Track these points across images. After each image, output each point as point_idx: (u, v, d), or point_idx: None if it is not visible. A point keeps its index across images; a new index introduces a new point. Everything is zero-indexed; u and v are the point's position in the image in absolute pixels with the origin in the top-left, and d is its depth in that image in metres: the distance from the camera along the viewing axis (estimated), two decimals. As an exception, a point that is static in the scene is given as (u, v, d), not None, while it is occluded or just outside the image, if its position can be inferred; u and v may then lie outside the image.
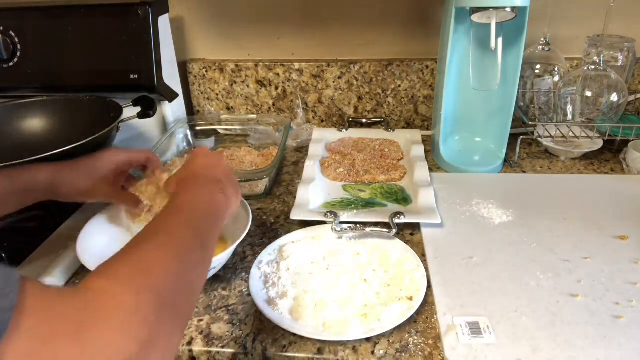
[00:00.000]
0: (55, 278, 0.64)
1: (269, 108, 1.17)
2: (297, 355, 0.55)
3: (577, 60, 1.06)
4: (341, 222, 0.74)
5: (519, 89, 0.92)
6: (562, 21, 1.03)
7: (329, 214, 0.75)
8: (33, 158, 0.66)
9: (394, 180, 0.90)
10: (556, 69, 1.01)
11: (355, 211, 0.78)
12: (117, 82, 0.93)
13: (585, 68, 0.93)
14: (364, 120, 1.14)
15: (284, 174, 0.96)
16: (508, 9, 0.79)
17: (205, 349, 0.56)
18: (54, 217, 0.77)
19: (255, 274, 0.65)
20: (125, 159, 0.64)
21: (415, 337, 0.56)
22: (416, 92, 1.12)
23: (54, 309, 0.28)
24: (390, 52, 1.11)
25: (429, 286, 0.63)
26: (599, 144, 0.97)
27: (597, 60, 0.92)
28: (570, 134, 0.94)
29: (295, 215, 0.77)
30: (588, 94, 0.93)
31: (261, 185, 0.86)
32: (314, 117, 1.17)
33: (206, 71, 1.14)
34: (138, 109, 0.92)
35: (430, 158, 1.00)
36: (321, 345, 0.55)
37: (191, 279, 0.39)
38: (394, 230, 0.71)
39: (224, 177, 0.54)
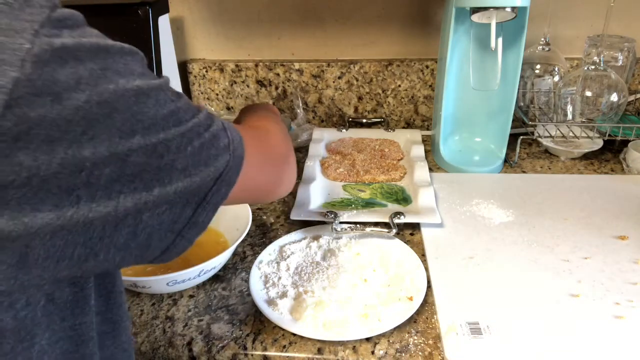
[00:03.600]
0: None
1: (269, 108, 1.17)
2: (297, 355, 0.55)
3: (577, 60, 1.06)
4: (341, 222, 0.74)
5: (519, 89, 0.92)
6: (562, 21, 1.03)
7: (329, 214, 0.75)
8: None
9: (394, 180, 0.90)
10: (556, 69, 1.01)
11: (355, 211, 0.78)
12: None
13: (585, 68, 0.93)
14: (364, 120, 1.14)
15: (284, 174, 0.96)
16: (508, 9, 0.79)
17: (205, 349, 0.56)
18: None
19: (255, 274, 0.65)
20: None
21: (415, 337, 0.56)
22: (416, 92, 1.12)
23: (251, 135, 0.45)
24: (390, 52, 1.11)
25: (429, 286, 0.63)
26: (599, 144, 0.97)
27: (597, 60, 0.92)
28: (570, 134, 0.94)
29: (295, 215, 0.77)
30: (588, 94, 0.93)
31: (261, 185, 0.86)
32: (314, 117, 1.17)
33: (206, 71, 1.14)
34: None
35: (430, 158, 1.00)
36: (321, 345, 0.55)
37: (286, 130, 0.62)
38: (394, 230, 0.71)
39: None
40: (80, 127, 0.28)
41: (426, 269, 0.65)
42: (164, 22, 0.95)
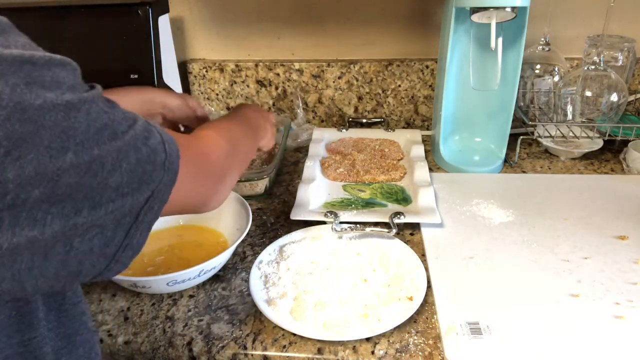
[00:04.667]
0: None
1: (269, 108, 1.17)
2: (297, 355, 0.55)
3: (577, 60, 1.06)
4: (341, 222, 0.74)
5: (519, 89, 0.92)
6: (562, 21, 1.03)
7: (329, 214, 0.75)
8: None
9: (394, 180, 0.90)
10: (556, 69, 1.01)
11: (355, 211, 0.78)
12: (117, 81, 0.93)
13: (585, 68, 0.93)
14: (364, 120, 1.14)
15: (284, 174, 0.96)
16: (508, 9, 0.79)
17: (205, 349, 0.56)
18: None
19: (255, 274, 0.65)
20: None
21: (415, 337, 0.56)
22: (416, 92, 1.12)
23: (189, 146, 0.44)
24: (390, 52, 1.11)
25: (429, 286, 0.63)
26: (599, 144, 0.97)
27: (597, 60, 0.92)
28: (570, 134, 0.94)
29: (295, 215, 0.77)
30: (588, 94, 0.93)
31: (261, 185, 0.86)
32: (314, 117, 1.17)
33: (206, 71, 1.14)
34: (138, 109, 0.92)
35: (430, 158, 1.00)
36: (321, 345, 0.55)
37: (245, 149, 0.60)
38: (394, 230, 0.71)
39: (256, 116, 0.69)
40: (2, 147, 0.26)
41: (426, 269, 0.65)
42: (164, 22, 0.95)
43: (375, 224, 0.73)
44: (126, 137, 0.33)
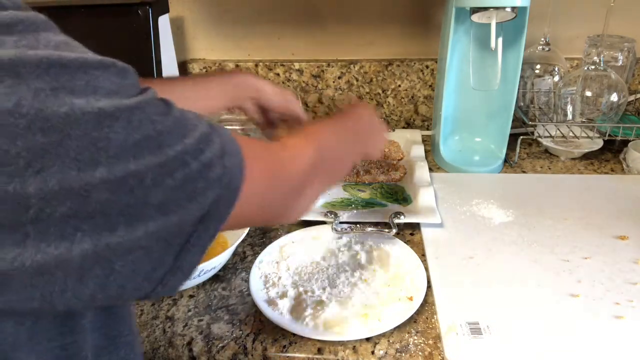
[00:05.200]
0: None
1: (269, 108, 1.17)
2: (297, 355, 0.55)
3: (577, 60, 1.06)
4: (341, 222, 0.74)
5: (519, 89, 0.92)
6: (562, 21, 1.03)
7: (329, 214, 0.75)
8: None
9: (394, 180, 0.90)
10: (556, 69, 1.01)
11: (355, 211, 0.78)
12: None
13: (585, 68, 0.93)
14: (364, 120, 1.14)
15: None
16: (508, 9, 0.79)
17: (205, 349, 0.56)
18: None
19: (255, 274, 0.65)
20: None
21: (415, 337, 0.56)
22: (416, 92, 1.12)
23: (263, 154, 0.40)
24: (390, 52, 1.11)
25: (429, 286, 0.63)
26: (599, 144, 0.97)
27: (597, 60, 0.92)
28: (570, 134, 0.94)
29: (295, 215, 0.76)
30: (588, 94, 0.93)
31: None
32: (314, 117, 1.17)
33: (206, 71, 1.14)
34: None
35: (430, 158, 1.00)
36: (321, 345, 0.55)
37: (340, 162, 0.55)
38: (394, 230, 0.71)
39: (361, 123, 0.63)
40: (22, 159, 0.24)
41: (426, 269, 0.65)
42: (164, 22, 0.95)
43: (375, 224, 0.73)
44: (172, 150, 0.29)
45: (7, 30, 0.25)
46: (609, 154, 0.99)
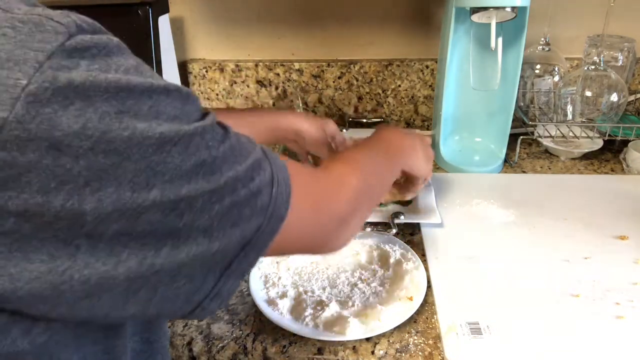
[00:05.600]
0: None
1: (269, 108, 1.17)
2: (297, 355, 0.55)
3: (577, 60, 1.06)
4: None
5: (519, 89, 0.92)
6: (562, 21, 1.03)
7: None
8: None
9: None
10: (556, 69, 1.01)
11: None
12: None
13: (585, 68, 0.93)
14: (364, 120, 1.14)
15: (284, 174, 0.96)
16: (508, 9, 0.79)
17: (205, 349, 0.56)
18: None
19: (255, 274, 0.65)
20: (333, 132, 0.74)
21: (415, 337, 0.56)
22: (416, 92, 1.12)
23: (310, 183, 0.41)
24: (390, 52, 1.11)
25: (429, 286, 0.63)
26: (599, 144, 0.97)
27: (597, 60, 0.92)
28: (570, 134, 0.94)
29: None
30: (588, 94, 0.93)
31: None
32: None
33: (206, 71, 1.14)
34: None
35: (430, 158, 1.00)
36: (321, 345, 0.55)
37: (380, 186, 0.55)
38: (394, 230, 0.71)
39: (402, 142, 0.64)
40: (82, 177, 0.25)
41: (426, 269, 0.65)
42: (164, 22, 0.95)
43: (375, 224, 0.73)
44: (224, 177, 0.30)
45: (82, 54, 0.26)
46: (609, 154, 0.99)
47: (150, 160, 0.26)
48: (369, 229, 0.71)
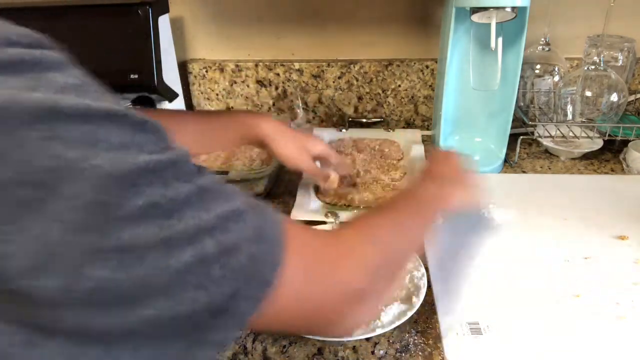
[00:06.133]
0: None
1: (269, 108, 1.17)
2: (297, 355, 0.55)
3: (577, 60, 1.06)
4: (342, 223, 0.74)
5: (519, 89, 0.92)
6: (562, 21, 1.03)
7: (329, 215, 0.75)
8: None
9: (394, 180, 0.89)
10: (556, 69, 1.01)
11: (355, 211, 0.78)
12: (117, 81, 0.93)
13: (585, 68, 0.93)
14: (364, 120, 1.14)
15: (284, 174, 0.96)
16: (508, 9, 0.79)
17: (205, 349, 0.56)
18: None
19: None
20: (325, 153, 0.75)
21: (415, 337, 0.56)
22: (416, 92, 1.12)
23: (312, 247, 0.35)
24: (390, 52, 1.11)
25: (429, 286, 0.63)
26: (599, 144, 0.97)
27: (597, 60, 0.92)
28: (570, 134, 0.94)
29: (295, 216, 0.77)
30: (588, 94, 0.93)
31: (261, 185, 0.86)
32: (314, 117, 1.17)
33: (206, 71, 1.14)
34: (138, 109, 0.92)
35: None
36: (321, 345, 0.55)
37: (403, 253, 0.47)
38: (394, 230, 0.70)
39: (449, 174, 0.59)
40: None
41: (426, 269, 0.65)
42: (164, 22, 0.95)
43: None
44: (182, 224, 0.25)
45: (6, 69, 0.23)
46: (609, 154, 0.99)
47: (84, 197, 0.22)
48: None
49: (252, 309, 0.28)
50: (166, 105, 1.02)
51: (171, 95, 1.02)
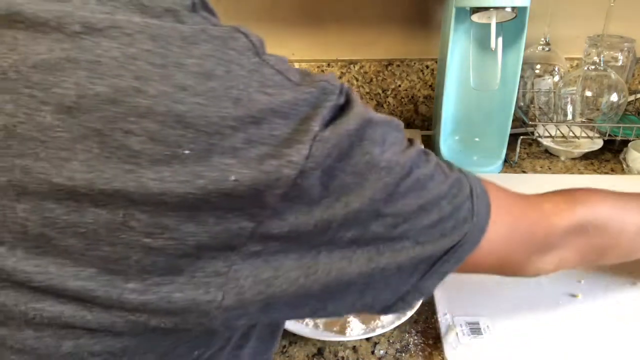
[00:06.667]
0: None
1: (269, 108, 1.17)
2: (297, 355, 0.55)
3: (577, 60, 1.06)
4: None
5: (519, 89, 0.92)
6: (562, 21, 1.03)
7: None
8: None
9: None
10: (556, 69, 1.01)
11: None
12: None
13: (585, 68, 0.93)
14: (364, 120, 1.14)
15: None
16: (508, 9, 0.79)
17: (205, 349, 0.56)
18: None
19: (255, 274, 0.64)
20: None
21: (415, 337, 0.56)
22: (416, 92, 1.12)
23: (508, 201, 0.46)
24: (390, 52, 1.11)
25: (429, 286, 0.62)
26: (599, 144, 0.97)
27: (597, 60, 0.92)
28: (570, 134, 0.94)
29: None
30: (588, 94, 0.93)
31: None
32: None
33: (206, 71, 1.14)
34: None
35: (430, 158, 1.00)
36: (321, 345, 0.55)
37: (623, 232, 0.49)
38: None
39: None
40: (335, 194, 0.30)
41: (426, 269, 0.65)
42: (164, 22, 0.95)
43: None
44: (430, 194, 0.34)
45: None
46: (609, 154, 0.99)
47: (384, 181, 0.31)
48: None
49: (470, 249, 0.37)
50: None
51: (171, 95, 1.02)
